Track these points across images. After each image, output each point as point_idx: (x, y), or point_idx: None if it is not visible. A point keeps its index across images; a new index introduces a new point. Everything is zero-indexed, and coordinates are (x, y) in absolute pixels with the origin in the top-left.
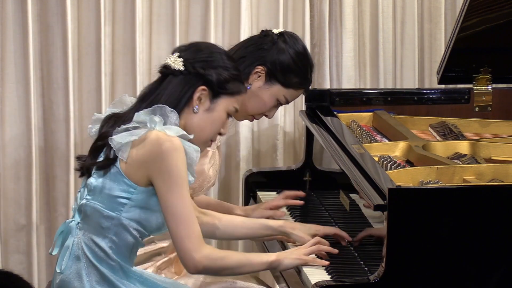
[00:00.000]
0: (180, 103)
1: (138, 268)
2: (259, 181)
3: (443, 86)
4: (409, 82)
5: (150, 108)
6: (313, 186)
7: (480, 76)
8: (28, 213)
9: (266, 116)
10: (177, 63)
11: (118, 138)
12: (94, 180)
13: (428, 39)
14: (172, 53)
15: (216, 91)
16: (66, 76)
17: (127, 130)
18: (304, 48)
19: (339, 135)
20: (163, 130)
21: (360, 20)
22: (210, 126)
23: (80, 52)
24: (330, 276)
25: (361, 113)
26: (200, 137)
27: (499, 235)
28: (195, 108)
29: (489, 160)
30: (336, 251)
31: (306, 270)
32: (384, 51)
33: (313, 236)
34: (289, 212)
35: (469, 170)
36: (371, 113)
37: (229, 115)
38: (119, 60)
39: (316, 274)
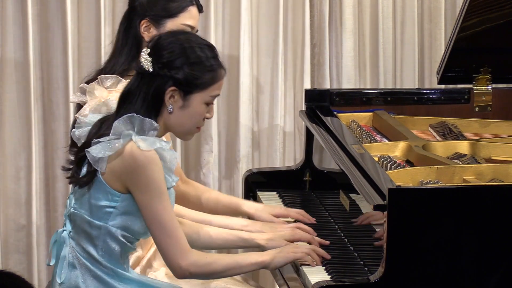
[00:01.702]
0: (155, 107)
1: (133, 274)
2: (259, 181)
3: (443, 86)
4: (409, 82)
5: (127, 117)
6: (313, 186)
7: (480, 76)
8: (28, 213)
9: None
10: (147, 64)
11: (94, 152)
12: (79, 189)
13: (428, 39)
14: (147, 47)
15: (186, 89)
16: (66, 76)
17: (105, 141)
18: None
19: (339, 135)
20: (137, 143)
21: (360, 20)
22: (189, 120)
23: (80, 52)
24: (330, 276)
25: (361, 113)
26: (182, 131)
27: (499, 235)
28: (169, 108)
29: (489, 160)
30: (328, 256)
31: (306, 270)
32: (384, 51)
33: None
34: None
35: (469, 170)
36: (371, 113)
37: (209, 103)
38: None
39: (316, 274)
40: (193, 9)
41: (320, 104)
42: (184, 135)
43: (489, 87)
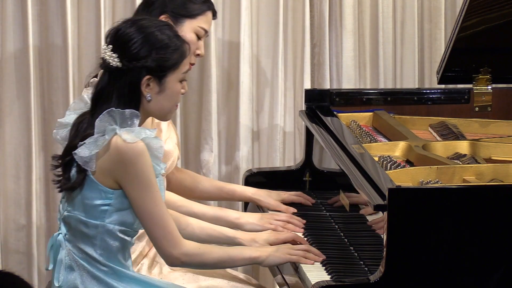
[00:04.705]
0: (133, 100)
1: (133, 272)
2: (259, 181)
3: (443, 86)
4: (409, 82)
5: (106, 112)
6: (313, 186)
7: (480, 76)
8: (28, 213)
9: (198, 55)
10: (114, 60)
11: (81, 153)
12: (71, 192)
13: (428, 39)
14: (106, 44)
15: (160, 74)
16: (66, 76)
17: (90, 141)
18: None
19: (339, 135)
20: (122, 136)
21: (360, 20)
22: (168, 102)
23: (80, 52)
24: (330, 276)
25: (361, 113)
26: (162, 114)
27: (499, 235)
28: (147, 97)
29: (489, 160)
30: (323, 257)
31: (305, 270)
32: (384, 51)
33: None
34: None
35: (469, 170)
36: (371, 113)
37: (183, 80)
38: None
39: (316, 274)
40: (210, 14)
41: (320, 104)
42: (164, 116)
43: (489, 87)
